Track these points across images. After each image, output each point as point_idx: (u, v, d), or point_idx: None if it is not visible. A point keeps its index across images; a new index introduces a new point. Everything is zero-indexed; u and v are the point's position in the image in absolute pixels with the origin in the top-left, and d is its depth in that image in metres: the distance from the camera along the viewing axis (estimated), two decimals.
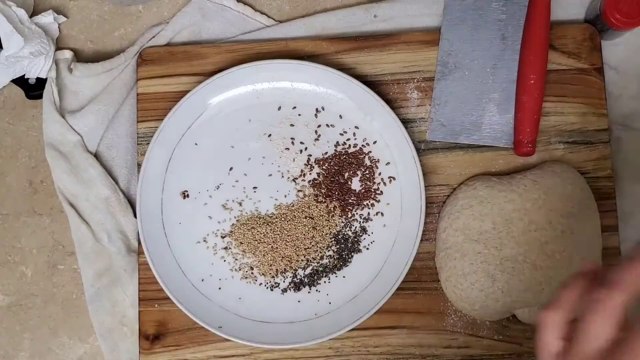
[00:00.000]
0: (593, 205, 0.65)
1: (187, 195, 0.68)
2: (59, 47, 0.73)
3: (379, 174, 0.68)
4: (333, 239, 0.67)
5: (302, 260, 0.67)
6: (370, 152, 0.68)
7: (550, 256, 0.61)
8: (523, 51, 0.68)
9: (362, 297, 0.66)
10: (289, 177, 0.68)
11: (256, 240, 0.67)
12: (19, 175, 0.72)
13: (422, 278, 0.67)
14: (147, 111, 0.70)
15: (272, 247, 0.67)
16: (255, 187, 0.68)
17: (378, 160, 0.68)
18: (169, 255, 0.67)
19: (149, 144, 0.67)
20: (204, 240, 0.68)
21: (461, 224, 0.64)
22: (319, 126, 0.69)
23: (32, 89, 0.72)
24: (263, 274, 0.67)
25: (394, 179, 0.68)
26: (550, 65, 0.68)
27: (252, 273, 0.67)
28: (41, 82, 0.71)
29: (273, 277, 0.67)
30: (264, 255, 0.67)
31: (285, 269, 0.67)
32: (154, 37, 0.72)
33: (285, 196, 0.68)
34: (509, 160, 0.69)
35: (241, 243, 0.67)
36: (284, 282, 0.67)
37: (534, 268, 0.61)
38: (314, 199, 0.68)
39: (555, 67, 0.69)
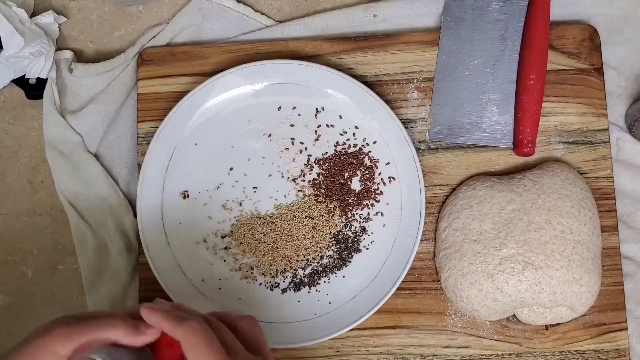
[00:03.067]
0: (593, 205, 0.65)
1: (187, 195, 0.68)
2: (59, 47, 0.73)
3: (379, 174, 0.68)
4: (333, 239, 0.67)
5: (302, 260, 0.67)
6: (370, 152, 0.68)
7: (550, 256, 0.61)
8: (523, 51, 0.68)
9: (362, 297, 0.66)
10: (288, 177, 0.68)
11: (256, 240, 0.67)
12: (19, 175, 0.72)
13: (422, 278, 0.67)
14: (147, 111, 0.70)
15: (272, 247, 0.67)
16: (255, 187, 0.68)
17: (378, 160, 0.68)
18: (169, 255, 0.67)
19: (149, 144, 0.67)
20: (204, 240, 0.68)
21: (461, 223, 0.64)
22: (319, 126, 0.69)
23: (32, 89, 0.72)
24: (263, 274, 0.67)
25: (393, 179, 0.68)
26: (550, 65, 0.68)
27: (252, 273, 0.67)
28: (41, 82, 0.71)
29: (273, 277, 0.67)
30: (264, 255, 0.67)
31: (285, 269, 0.67)
32: (154, 37, 0.72)
33: (285, 196, 0.68)
34: (509, 160, 0.69)
35: (241, 243, 0.67)
36: (283, 282, 0.67)
37: (534, 268, 0.61)
38: (314, 199, 0.68)
39: (555, 67, 0.69)
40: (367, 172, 0.68)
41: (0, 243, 0.72)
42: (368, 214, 0.68)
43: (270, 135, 0.69)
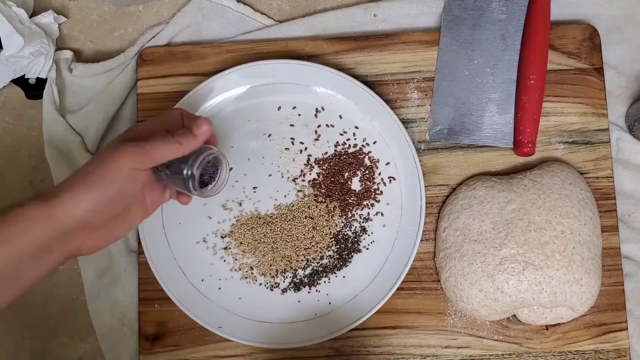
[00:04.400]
0: (593, 205, 0.65)
1: None
2: (59, 47, 0.73)
3: (379, 174, 0.68)
4: (333, 239, 0.67)
5: (302, 260, 0.67)
6: (370, 152, 0.68)
7: (550, 256, 0.61)
8: (523, 51, 0.68)
9: (362, 297, 0.66)
10: (288, 177, 0.68)
11: (256, 241, 0.67)
12: (19, 175, 0.72)
13: (422, 278, 0.67)
14: (147, 111, 0.70)
15: (272, 247, 0.67)
16: (255, 187, 0.68)
17: (378, 160, 0.68)
18: (169, 255, 0.67)
19: None
20: (204, 240, 0.68)
21: (461, 224, 0.64)
22: (319, 126, 0.69)
23: (32, 89, 0.72)
24: (263, 274, 0.67)
25: (394, 179, 0.68)
26: (550, 65, 0.68)
27: (252, 273, 0.67)
28: (41, 82, 0.71)
29: (273, 277, 0.67)
30: (263, 255, 0.67)
31: (285, 269, 0.67)
32: (154, 37, 0.72)
33: (285, 196, 0.68)
34: (509, 160, 0.69)
35: (241, 243, 0.67)
36: (284, 282, 0.67)
37: (534, 268, 0.61)
38: (314, 199, 0.68)
39: (555, 67, 0.69)
40: (367, 172, 0.68)
41: None
42: (368, 214, 0.67)
43: (270, 135, 0.69)
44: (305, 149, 0.69)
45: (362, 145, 0.68)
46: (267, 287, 0.67)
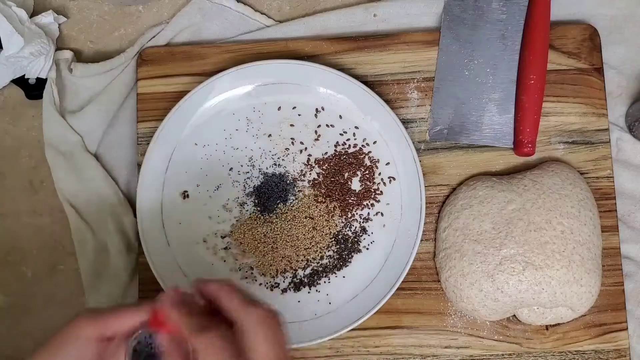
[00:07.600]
0: (593, 205, 0.65)
1: (187, 195, 0.68)
2: (59, 47, 0.73)
3: (379, 174, 0.68)
4: (333, 239, 0.67)
5: (302, 260, 0.67)
6: (370, 152, 0.68)
7: (550, 256, 0.61)
8: (523, 51, 0.68)
9: (362, 297, 0.66)
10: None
11: (256, 241, 0.67)
12: (19, 176, 0.72)
13: (422, 278, 0.67)
14: (147, 111, 0.70)
15: (272, 247, 0.67)
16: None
17: (378, 160, 0.68)
18: (168, 255, 0.67)
19: (149, 144, 0.67)
20: (204, 241, 0.68)
21: (461, 224, 0.64)
22: (319, 126, 0.69)
23: (32, 89, 0.72)
24: (263, 274, 0.67)
25: (394, 179, 0.68)
26: (550, 65, 0.68)
27: (252, 273, 0.67)
28: (41, 82, 0.71)
29: (273, 277, 0.67)
30: (263, 255, 0.67)
31: (285, 269, 0.67)
32: (154, 37, 0.72)
33: None
34: (509, 160, 0.69)
35: (241, 243, 0.67)
36: (283, 282, 0.67)
37: (534, 268, 0.61)
38: (314, 199, 0.68)
39: (555, 67, 0.69)
40: (367, 172, 0.68)
41: (0, 243, 0.71)
42: (368, 214, 0.67)
43: (270, 135, 0.69)
44: (305, 149, 0.69)
45: (362, 146, 0.68)
46: (267, 287, 0.67)
